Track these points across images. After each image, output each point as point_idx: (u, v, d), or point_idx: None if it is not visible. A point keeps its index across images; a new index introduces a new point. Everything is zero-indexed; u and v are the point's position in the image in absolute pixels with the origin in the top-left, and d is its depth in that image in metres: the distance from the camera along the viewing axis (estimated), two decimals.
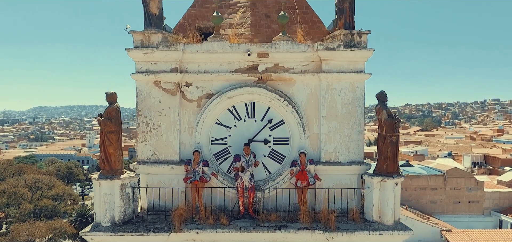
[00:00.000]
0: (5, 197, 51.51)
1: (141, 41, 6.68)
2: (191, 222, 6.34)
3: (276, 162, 6.97)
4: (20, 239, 40.82)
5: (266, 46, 6.62)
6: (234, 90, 6.73)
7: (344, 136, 6.76)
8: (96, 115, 6.57)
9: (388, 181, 6.27)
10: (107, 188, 6.19)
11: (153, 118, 6.81)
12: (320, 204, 6.52)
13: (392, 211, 6.27)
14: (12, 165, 66.38)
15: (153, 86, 6.78)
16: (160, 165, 6.81)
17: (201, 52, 6.65)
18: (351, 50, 6.54)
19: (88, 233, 6.17)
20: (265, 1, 7.60)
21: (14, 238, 41.15)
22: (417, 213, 46.45)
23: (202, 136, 6.84)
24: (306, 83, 6.80)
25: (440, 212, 51.52)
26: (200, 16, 7.52)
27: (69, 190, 59.59)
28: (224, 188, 6.72)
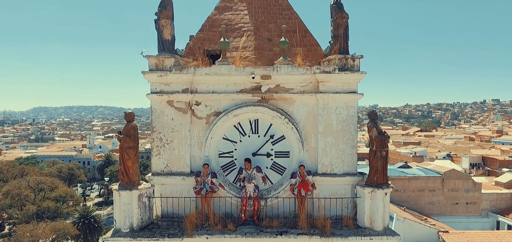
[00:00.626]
0: (8, 198, 52.23)
1: (156, 65, 7.42)
2: (201, 228, 7.08)
3: (278, 173, 7.71)
4: (24, 240, 41.56)
5: (268, 69, 7.37)
6: (239, 108, 7.48)
7: (339, 150, 7.50)
8: (117, 133, 7.28)
9: (378, 192, 7.01)
10: (126, 198, 6.93)
11: (166, 134, 7.56)
12: (317, 212, 7.26)
13: (382, 218, 7.01)
14: (14, 167, 67.11)
15: (166, 105, 7.52)
16: (172, 177, 7.55)
17: (210, 75, 7.39)
18: (345, 73, 7.28)
19: (110, 238, 6.91)
20: (267, 25, 8.34)
21: (18, 239, 41.88)
22: (415, 214, 47.20)
23: (210, 150, 7.59)
24: (305, 102, 7.54)
25: (438, 213, 52.23)
26: (208, 40, 8.26)
27: (71, 191, 60.34)
28: (231, 197, 7.46)
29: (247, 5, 8.54)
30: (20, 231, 41.92)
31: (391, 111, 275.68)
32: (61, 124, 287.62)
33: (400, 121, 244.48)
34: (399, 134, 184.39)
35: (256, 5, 8.56)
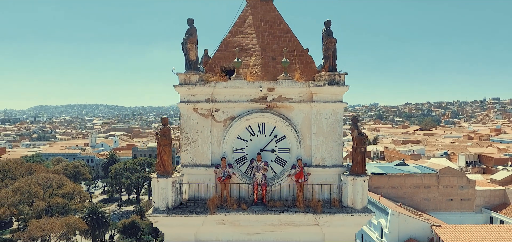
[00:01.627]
0: (18, 195, 54.41)
1: (184, 80, 9.49)
2: (220, 207, 9.16)
3: (280, 165, 9.79)
4: (37, 234, 43.78)
5: (273, 83, 9.44)
6: (250, 114, 9.56)
7: (328, 147, 9.58)
8: (155, 133, 9.35)
9: (358, 179, 9.09)
10: (163, 184, 9.02)
11: (192, 134, 9.63)
12: (311, 195, 9.34)
13: (361, 199, 9.09)
14: (22, 165, 69.21)
15: (192, 111, 9.60)
16: (197, 168, 9.63)
17: (226, 88, 9.46)
18: (333, 87, 9.35)
19: (151, 215, 9.01)
20: (272, 47, 10.41)
21: (31, 233, 44.10)
22: (410, 209, 49.31)
23: (227, 147, 9.67)
24: (302, 109, 9.61)
25: (434, 209, 54.34)
26: (224, 58, 10.33)
27: (79, 188, 62.56)
28: (243, 184, 9.54)
29: (255, 29, 10.61)
30: (32, 225, 44.11)
31: (391, 110, 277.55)
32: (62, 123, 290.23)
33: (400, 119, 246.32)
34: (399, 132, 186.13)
35: (262, 29, 10.63)
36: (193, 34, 9.55)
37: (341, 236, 9.15)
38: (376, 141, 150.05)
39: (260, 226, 9.13)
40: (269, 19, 10.84)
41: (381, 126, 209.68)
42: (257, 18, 10.77)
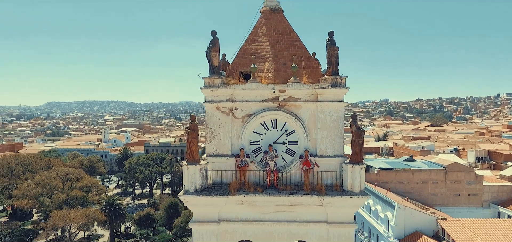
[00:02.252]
0: (39, 187, 57.44)
1: (208, 83, 11.29)
2: (239, 190, 10.95)
3: (290, 155, 11.53)
4: (59, 224, 46.59)
5: (284, 86, 11.17)
6: (264, 112, 11.31)
7: (331, 140, 11.27)
8: (186, 128, 11.18)
9: (356, 167, 10.77)
10: (192, 170, 10.86)
11: (215, 129, 11.44)
12: (316, 181, 11.06)
13: (359, 184, 10.77)
14: (41, 159, 72.39)
15: (215, 110, 11.40)
16: (219, 157, 11.44)
17: (244, 90, 11.23)
18: (335, 88, 11.02)
19: (182, 195, 10.88)
20: (283, 54, 12.12)
21: (54, 224, 46.94)
22: (416, 204, 50.52)
23: (245, 139, 11.45)
24: (308, 107, 11.32)
25: (441, 204, 55.38)
26: (242, 64, 12.10)
27: (96, 181, 65.44)
28: (258, 171, 11.32)
29: (268, 38, 12.34)
30: (54, 216, 46.93)
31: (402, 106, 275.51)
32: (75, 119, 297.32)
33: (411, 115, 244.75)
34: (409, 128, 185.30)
35: (274, 38, 12.36)
36: (216, 44, 11.33)
37: (342, 215, 10.88)
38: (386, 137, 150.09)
39: (273, 206, 10.91)
40: (280, 29, 12.56)
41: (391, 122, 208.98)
42: (270, 28, 12.50)
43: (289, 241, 11.29)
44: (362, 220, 52.42)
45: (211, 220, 11.02)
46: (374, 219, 47.39)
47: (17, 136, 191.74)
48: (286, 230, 11.05)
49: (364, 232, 50.94)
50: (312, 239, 11.05)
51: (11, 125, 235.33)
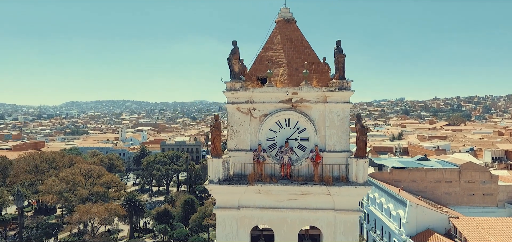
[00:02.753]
0: (63, 183, 60.65)
1: (230, 87, 12.94)
2: (257, 181, 12.57)
3: (301, 151, 13.07)
4: (84, 218, 49.37)
5: (296, 89, 12.72)
6: (279, 112, 12.89)
7: (338, 137, 12.75)
8: (210, 126, 12.88)
9: (360, 161, 12.23)
10: (216, 162, 12.55)
11: (236, 127, 13.09)
12: (325, 173, 12.56)
13: (362, 176, 12.22)
14: (64, 156, 76.01)
15: (236, 110, 13.05)
16: (239, 152, 13.09)
17: (261, 92, 12.84)
18: (342, 91, 12.50)
19: (208, 185, 12.59)
20: (295, 60, 13.67)
21: (79, 217, 49.75)
22: (430, 202, 51.05)
23: (261, 136, 13.06)
24: (318, 108, 12.84)
25: (455, 203, 55.61)
26: (259, 70, 13.71)
27: (116, 178, 68.37)
28: (273, 164, 12.91)
29: (282, 46, 13.92)
30: (79, 210, 49.77)
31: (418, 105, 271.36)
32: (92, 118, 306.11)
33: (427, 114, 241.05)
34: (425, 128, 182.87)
35: (288, 46, 13.92)
36: (236, 53, 12.99)
37: (347, 203, 12.37)
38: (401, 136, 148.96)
39: (286, 195, 12.50)
40: (293, 37, 14.12)
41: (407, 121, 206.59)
42: (284, 37, 14.08)
43: (301, 226, 12.86)
44: (374, 218, 53.32)
45: (232, 206, 12.70)
46: (386, 217, 48.23)
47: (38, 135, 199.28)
48: (298, 216, 12.63)
49: (377, 230, 51.81)
50: (321, 225, 12.59)
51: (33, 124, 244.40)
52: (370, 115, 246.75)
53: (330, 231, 12.49)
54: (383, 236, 49.29)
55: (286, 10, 14.54)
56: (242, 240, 12.79)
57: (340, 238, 12.43)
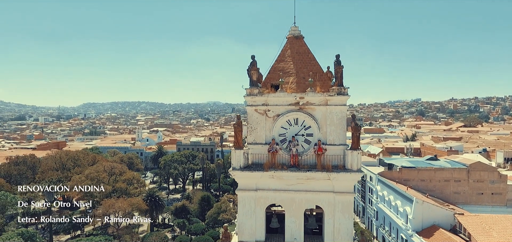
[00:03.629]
0: (88, 180, 65.20)
1: (249, 93, 16.18)
2: (271, 168, 15.76)
3: (307, 144, 16.18)
4: (109, 211, 53.57)
5: (303, 94, 15.86)
6: (289, 113, 16.05)
7: (337, 133, 15.82)
8: (234, 124, 16.15)
9: (354, 152, 15.28)
10: (238, 153, 15.82)
11: (254, 125, 16.32)
12: (326, 162, 15.63)
13: (356, 164, 15.25)
14: (87, 155, 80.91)
15: (254, 111, 16.28)
16: (256, 145, 16.31)
17: (275, 97, 16.04)
18: (340, 96, 15.57)
19: (231, 170, 15.87)
20: (302, 70, 16.82)
21: (105, 210, 53.96)
22: (438, 201, 53.06)
23: (275, 132, 16.24)
24: (321, 110, 15.93)
25: (464, 202, 57.39)
26: (272, 78, 16.92)
27: (137, 175, 72.71)
28: (284, 154, 16.08)
29: (292, 59, 17.09)
30: (105, 204, 54.02)
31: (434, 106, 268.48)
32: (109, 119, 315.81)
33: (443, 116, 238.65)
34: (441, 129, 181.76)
35: (296, 58, 17.08)
36: (254, 65, 16.24)
37: (344, 187, 15.42)
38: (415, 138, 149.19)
39: (294, 180, 15.64)
40: (301, 51, 17.27)
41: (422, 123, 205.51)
42: (293, 51, 17.25)
43: (306, 205, 15.99)
44: (383, 216, 55.65)
45: (250, 188, 15.94)
46: (394, 213, 50.58)
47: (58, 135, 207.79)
48: (304, 197, 15.76)
49: (385, 226, 54.15)
50: (323, 204, 15.68)
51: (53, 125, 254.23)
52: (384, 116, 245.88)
53: (330, 210, 15.57)
54: (391, 232, 51.65)
55: (295, 28, 17.72)
56: (258, 216, 16.02)
57: (338, 216, 15.50)
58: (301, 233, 15.87)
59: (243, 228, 16.10)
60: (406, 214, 46.65)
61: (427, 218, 44.91)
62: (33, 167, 75.77)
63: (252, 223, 16.01)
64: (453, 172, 57.53)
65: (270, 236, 16.64)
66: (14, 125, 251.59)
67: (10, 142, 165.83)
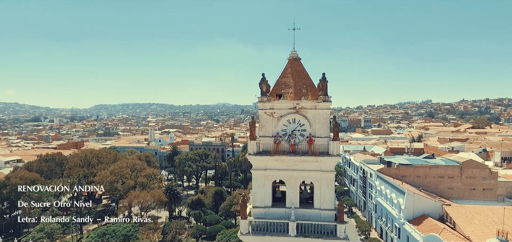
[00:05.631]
0: (112, 175, 73.02)
1: (260, 100, 23.06)
2: (275, 153, 22.57)
3: (301, 137, 22.93)
4: (134, 202, 61.12)
5: (299, 101, 22.67)
6: (288, 114, 22.87)
7: (323, 129, 22.55)
8: (249, 123, 23.07)
9: (335, 142, 22.00)
10: (252, 143, 22.70)
11: (263, 123, 23.19)
12: (315, 149, 22.37)
13: (336, 150, 21.96)
14: (110, 153, 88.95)
15: (264, 113, 23.15)
16: (265, 137, 23.15)
17: (279, 103, 22.89)
18: (324, 103, 22.32)
19: (248, 155, 22.77)
20: (299, 83, 23.62)
21: (130, 201, 61.57)
22: (430, 194, 59.10)
23: (278, 128, 23.06)
24: (311, 112, 22.69)
25: (457, 197, 63.43)
26: (277, 90, 23.78)
27: (156, 171, 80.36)
28: (286, 144, 22.88)
29: (291, 75, 23.92)
30: (130, 195, 61.64)
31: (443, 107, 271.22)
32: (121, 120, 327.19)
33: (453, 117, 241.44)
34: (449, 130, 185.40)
35: (294, 75, 23.90)
36: (264, 80, 23.12)
37: (328, 167, 22.12)
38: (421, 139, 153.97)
39: (292, 162, 22.40)
40: (298, 69, 24.08)
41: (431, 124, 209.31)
42: (292, 70, 24.07)
43: (301, 180, 22.74)
44: (381, 208, 61.90)
45: (261, 168, 22.78)
46: (390, 205, 56.81)
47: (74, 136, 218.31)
48: (299, 174, 22.52)
49: (383, 218, 60.38)
50: (313, 179, 22.42)
51: (67, 126, 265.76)
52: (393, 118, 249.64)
53: (318, 183, 22.31)
54: (387, 223, 57.88)
55: (294, 52, 24.55)
56: (267, 188, 22.85)
57: (324, 188, 22.23)
58: (297, 201, 22.66)
59: (256, 197, 22.97)
60: (399, 205, 52.88)
61: (418, 208, 51.08)
62: (60, 164, 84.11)
63: (262, 194, 22.87)
64: (446, 169, 63.42)
65: (275, 204, 23.48)
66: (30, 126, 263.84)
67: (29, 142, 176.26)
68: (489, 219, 46.93)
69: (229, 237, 52.73)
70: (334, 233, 21.66)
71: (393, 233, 54.74)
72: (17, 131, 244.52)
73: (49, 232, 52.12)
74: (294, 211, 22.13)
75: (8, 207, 72.32)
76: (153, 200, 62.55)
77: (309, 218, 22.32)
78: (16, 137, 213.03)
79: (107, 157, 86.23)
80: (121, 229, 53.72)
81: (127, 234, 52.76)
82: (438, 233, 43.90)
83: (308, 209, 22.71)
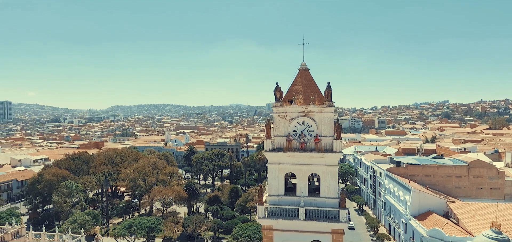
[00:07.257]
0: (136, 173, 78.83)
1: (275, 105, 27.62)
2: (287, 150, 27.07)
3: (310, 136, 27.36)
4: (157, 196, 66.58)
5: (307, 106, 27.12)
6: (298, 117, 27.36)
7: (327, 129, 26.94)
8: (266, 122, 27.66)
9: (338, 140, 26.36)
10: (268, 141, 27.28)
11: (277, 124, 27.74)
12: (321, 147, 26.76)
13: (339, 148, 26.32)
14: (132, 152, 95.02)
15: (278, 116, 27.70)
16: (279, 137, 27.69)
17: (290, 107, 27.41)
18: (329, 107, 26.71)
19: (264, 152, 27.39)
20: (308, 91, 28.08)
21: (152, 196, 67.07)
22: (436, 192, 62.41)
23: (290, 129, 27.57)
24: (318, 115, 27.11)
25: (464, 195, 66.51)
26: (289, 96, 28.30)
27: (176, 169, 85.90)
28: (296, 142, 27.37)
29: (301, 84, 28.41)
30: (154, 191, 67.12)
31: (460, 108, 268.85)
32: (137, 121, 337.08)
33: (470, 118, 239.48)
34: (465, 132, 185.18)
35: (304, 84, 28.38)
36: (278, 88, 27.68)
37: (331, 162, 26.47)
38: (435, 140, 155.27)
39: (302, 157, 26.86)
40: (307, 79, 28.54)
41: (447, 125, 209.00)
42: (302, 79, 28.54)
43: (309, 173, 27.17)
44: (390, 205, 65.46)
45: (275, 162, 27.32)
46: (397, 202, 60.37)
47: (93, 136, 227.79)
48: (308, 168, 26.95)
49: (391, 214, 63.93)
50: (319, 172, 26.82)
51: (86, 127, 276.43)
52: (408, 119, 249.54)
53: (324, 175, 26.71)
54: (395, 219, 61.44)
55: (304, 64, 29.01)
56: (280, 179, 27.39)
57: (328, 179, 26.61)
58: (306, 190, 27.12)
59: (271, 187, 27.55)
60: (406, 202, 56.47)
61: (423, 205, 54.58)
62: (86, 162, 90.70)
63: (276, 184, 27.42)
64: (454, 169, 66.44)
65: (287, 193, 28.00)
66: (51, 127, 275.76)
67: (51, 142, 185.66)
68: (491, 215, 50.09)
69: (245, 230, 57.39)
70: (337, 217, 26.02)
71: (400, 229, 58.32)
72: (39, 132, 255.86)
73: (81, 223, 57.93)
74: (303, 199, 26.59)
75: (41, 201, 79.05)
76: (174, 196, 67.83)
77: (316, 205, 26.75)
78: (38, 137, 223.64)
79: (129, 156, 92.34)
80: (145, 221, 59.09)
81: (151, 226, 58.10)
82: (441, 227, 47.44)
83: (315, 197, 27.14)
